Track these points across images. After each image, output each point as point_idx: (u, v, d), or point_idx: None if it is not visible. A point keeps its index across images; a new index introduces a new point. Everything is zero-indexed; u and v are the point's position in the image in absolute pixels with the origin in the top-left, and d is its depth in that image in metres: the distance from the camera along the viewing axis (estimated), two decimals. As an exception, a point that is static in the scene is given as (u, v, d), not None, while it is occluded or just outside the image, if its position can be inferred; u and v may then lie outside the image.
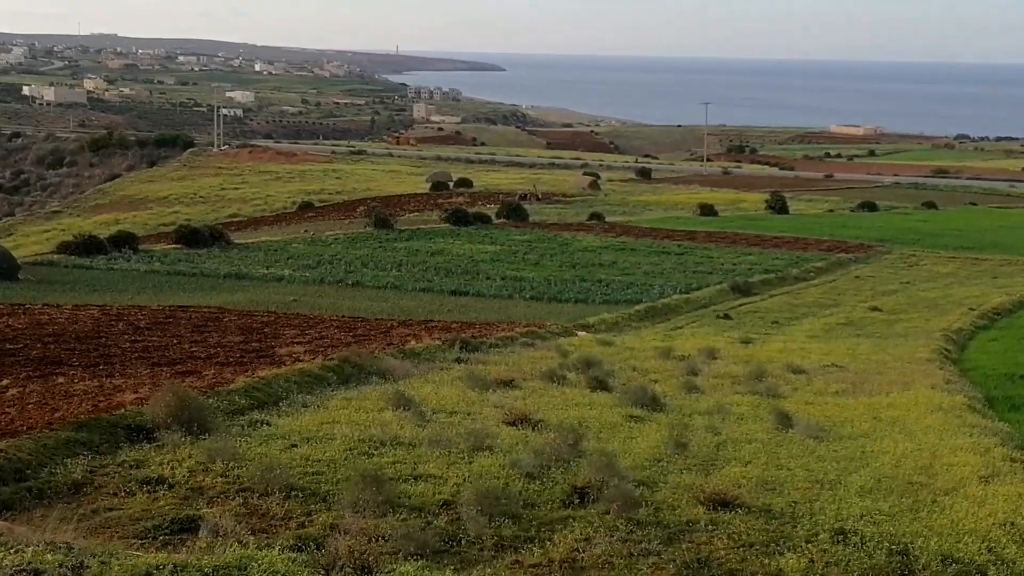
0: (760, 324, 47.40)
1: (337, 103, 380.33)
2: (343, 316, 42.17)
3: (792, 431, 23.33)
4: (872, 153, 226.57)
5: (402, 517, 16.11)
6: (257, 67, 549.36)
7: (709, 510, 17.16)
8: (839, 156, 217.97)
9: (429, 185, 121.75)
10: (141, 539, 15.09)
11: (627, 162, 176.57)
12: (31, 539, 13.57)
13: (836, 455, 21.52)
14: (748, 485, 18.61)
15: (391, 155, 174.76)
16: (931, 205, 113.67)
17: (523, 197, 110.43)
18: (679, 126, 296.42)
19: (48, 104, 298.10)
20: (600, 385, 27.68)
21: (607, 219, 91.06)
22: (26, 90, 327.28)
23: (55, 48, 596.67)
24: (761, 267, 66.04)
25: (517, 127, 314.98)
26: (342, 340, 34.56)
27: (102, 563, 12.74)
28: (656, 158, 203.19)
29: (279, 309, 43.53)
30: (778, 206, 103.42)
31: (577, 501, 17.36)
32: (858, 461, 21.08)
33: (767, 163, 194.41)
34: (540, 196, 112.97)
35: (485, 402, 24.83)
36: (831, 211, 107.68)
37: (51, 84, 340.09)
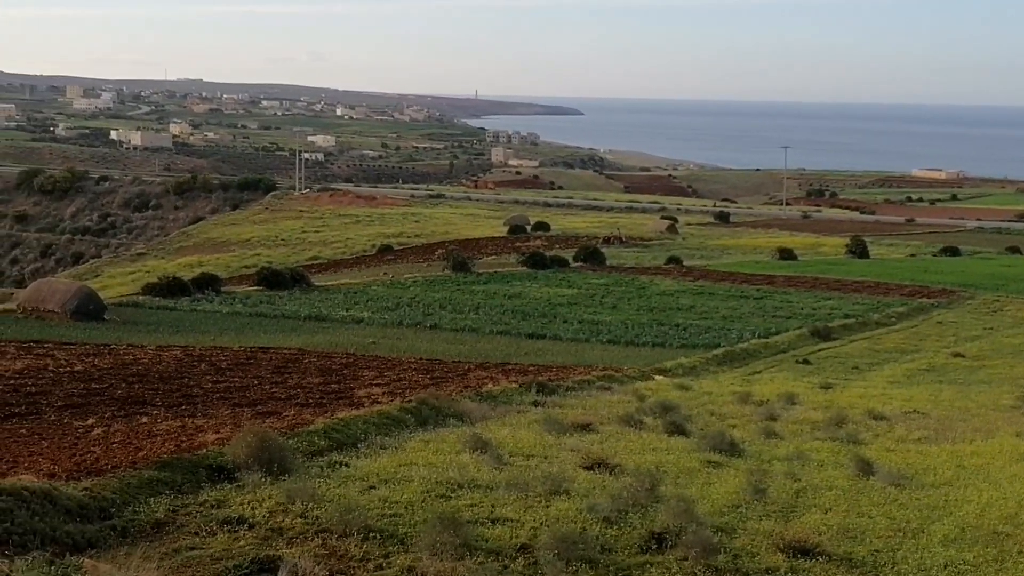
0: (840, 369, 46.89)
1: (416, 147, 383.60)
2: (421, 358, 42.37)
3: (873, 478, 22.98)
4: (955, 197, 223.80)
5: (479, 560, 16.09)
6: (338, 111, 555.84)
7: (789, 557, 16.96)
8: (921, 200, 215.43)
9: (507, 229, 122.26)
10: (221, 578, 15.22)
11: (705, 206, 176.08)
12: (115, 577, 13.77)
13: (919, 503, 21.16)
14: (829, 533, 18.38)
15: (469, 199, 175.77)
16: (1015, 250, 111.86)
17: (607, 240, 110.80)
18: (758, 170, 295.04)
19: (135, 148, 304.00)
20: (678, 430, 27.51)
21: (685, 263, 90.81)
22: (114, 135, 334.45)
23: (142, 93, 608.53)
24: (841, 312, 65.38)
25: (595, 171, 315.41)
26: (420, 382, 34.73)
27: (184, 601, 12.89)
28: (734, 202, 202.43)
29: (358, 351, 43.85)
30: (859, 250, 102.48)
31: (655, 547, 17.23)
32: (941, 510, 20.71)
33: (847, 207, 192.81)
34: (624, 239, 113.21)
35: (562, 446, 24.77)
36: (913, 255, 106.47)
37: (138, 128, 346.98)
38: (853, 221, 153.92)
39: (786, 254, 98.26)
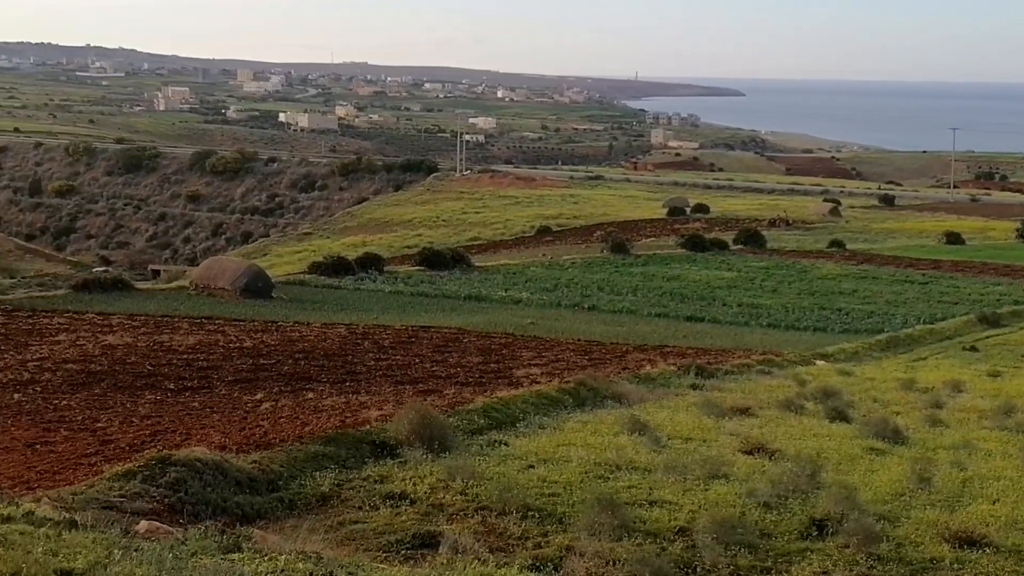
0: (1009, 357, 45.52)
1: (576, 129, 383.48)
2: (579, 340, 42.49)
3: (1044, 470, 22.38)
4: None
5: (637, 542, 16.14)
6: (499, 94, 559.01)
7: (954, 548, 16.62)
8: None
9: (666, 211, 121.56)
10: (384, 552, 15.54)
11: (869, 188, 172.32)
12: (283, 547, 14.15)
13: (1092, 496, 20.53)
14: (996, 524, 17.94)
15: (628, 180, 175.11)
16: None
17: (772, 223, 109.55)
18: (924, 152, 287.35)
19: (302, 130, 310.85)
20: (839, 416, 27.13)
21: (848, 246, 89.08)
22: (282, 117, 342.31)
23: (309, 76, 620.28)
24: (1011, 298, 63.44)
25: (756, 153, 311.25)
26: (578, 363, 34.89)
27: (349, 574, 13.21)
28: (900, 185, 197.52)
29: (517, 331, 44.16)
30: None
31: (815, 533, 17.06)
32: (1115, 503, 20.06)
33: (1019, 190, 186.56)
34: (790, 222, 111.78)
35: (721, 430, 24.66)
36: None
37: (305, 111, 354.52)
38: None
39: (953, 238, 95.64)
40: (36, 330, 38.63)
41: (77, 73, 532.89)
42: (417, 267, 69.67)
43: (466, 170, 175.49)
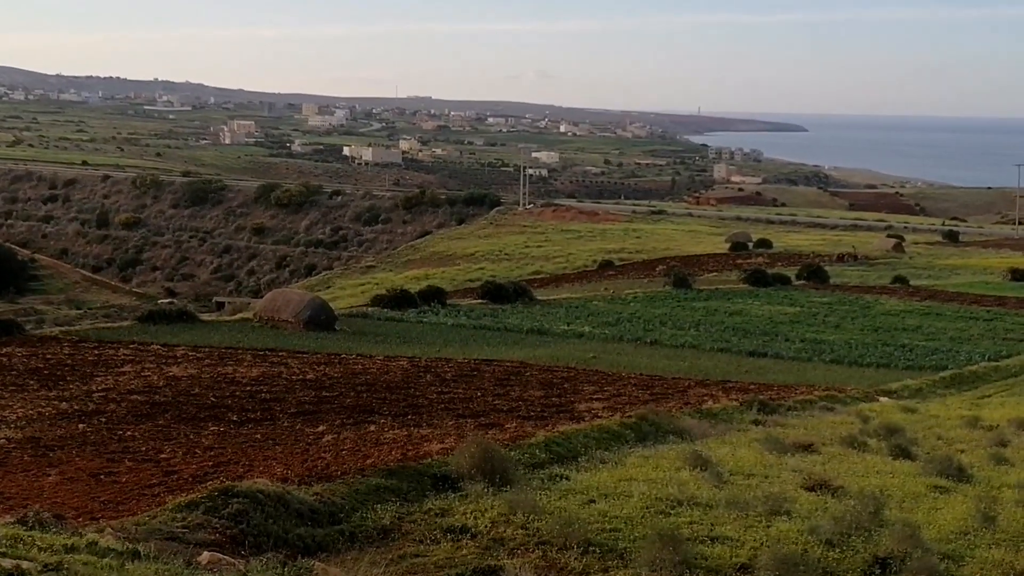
0: (1078, 396, 44.85)
1: (639, 163, 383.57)
2: (641, 374, 42.39)
3: (1112, 510, 22.01)
4: None
5: (698, 578, 16.08)
6: (562, 128, 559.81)
7: (1019, 588, 16.43)
8: None
9: (728, 245, 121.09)
10: (445, 585, 15.59)
11: (933, 224, 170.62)
12: (344, 579, 14.27)
13: None
14: (1062, 565, 17.70)
15: (691, 215, 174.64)
16: None
17: (841, 258, 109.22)
18: (989, 188, 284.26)
19: (366, 164, 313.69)
20: (903, 453, 26.86)
21: (911, 282, 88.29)
22: (346, 151, 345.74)
23: (373, 111, 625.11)
24: (1080, 336, 62.55)
25: (819, 188, 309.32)
26: (639, 398, 34.80)
27: (410, 605, 13.29)
28: (964, 220, 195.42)
29: (578, 365, 44.14)
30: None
31: (879, 571, 16.90)
32: None
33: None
34: (858, 256, 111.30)
35: (783, 466, 24.49)
36: None
37: (369, 145, 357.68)
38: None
39: (1018, 275, 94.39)
40: (102, 361, 39.15)
41: (145, 107, 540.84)
42: (479, 300, 69.84)
43: (529, 204, 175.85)
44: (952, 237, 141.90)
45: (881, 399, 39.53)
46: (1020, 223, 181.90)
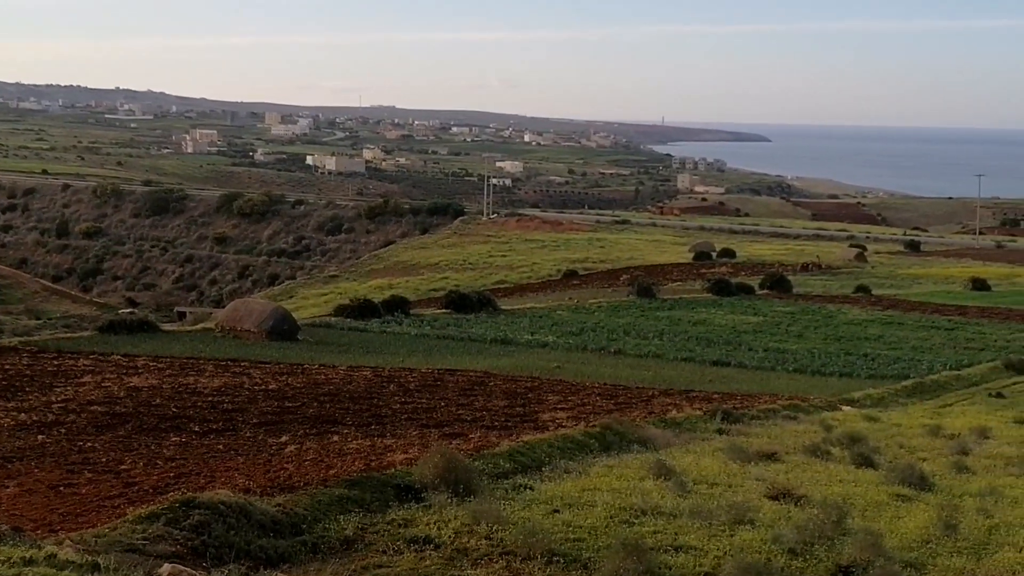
0: (1038, 404, 45.20)
1: (603, 173, 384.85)
2: (605, 383, 42.41)
3: (1072, 518, 22.17)
4: None
5: (662, 587, 16.06)
6: (526, 138, 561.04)
7: (981, 596, 16.51)
8: None
9: (692, 255, 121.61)
10: (408, 596, 15.52)
11: (895, 234, 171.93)
12: (307, 591, 14.17)
13: (1121, 545, 20.33)
14: (1023, 572, 17.81)
15: (654, 225, 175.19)
16: None
17: (805, 267, 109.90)
18: (950, 198, 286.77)
19: (329, 173, 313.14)
20: (865, 462, 26.98)
21: (874, 292, 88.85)
22: (310, 160, 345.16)
23: (337, 120, 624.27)
24: (1039, 344, 63.06)
25: (782, 198, 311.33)
26: (604, 407, 34.80)
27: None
28: (925, 230, 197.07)
29: (543, 375, 44.11)
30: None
31: (841, 580, 16.97)
32: None
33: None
34: (823, 266, 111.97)
35: (747, 475, 24.55)
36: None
37: (333, 154, 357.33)
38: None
39: (979, 284, 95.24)
40: (61, 371, 38.76)
41: (106, 116, 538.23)
42: (443, 310, 69.75)
43: (493, 214, 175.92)
44: (914, 247, 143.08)
45: (844, 408, 39.70)
46: (980, 233, 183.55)
